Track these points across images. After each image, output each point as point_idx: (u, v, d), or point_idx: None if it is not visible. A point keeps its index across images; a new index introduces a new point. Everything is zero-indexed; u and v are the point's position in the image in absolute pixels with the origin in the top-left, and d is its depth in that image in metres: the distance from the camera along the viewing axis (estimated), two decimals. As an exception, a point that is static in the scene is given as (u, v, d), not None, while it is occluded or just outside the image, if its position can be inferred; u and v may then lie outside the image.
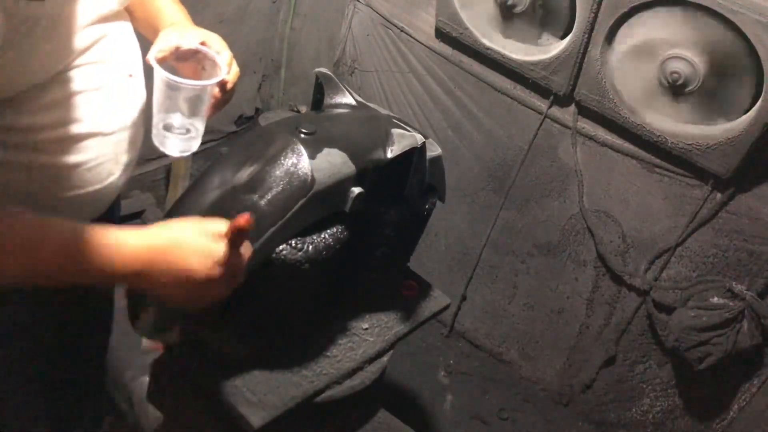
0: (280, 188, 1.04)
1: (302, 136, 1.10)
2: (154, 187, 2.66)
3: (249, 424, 1.10)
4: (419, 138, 1.18)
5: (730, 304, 1.83)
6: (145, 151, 1.18)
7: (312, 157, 1.07)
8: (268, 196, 1.03)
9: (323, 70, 1.29)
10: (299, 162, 1.06)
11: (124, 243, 0.86)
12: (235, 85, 1.12)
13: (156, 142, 1.05)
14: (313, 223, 1.10)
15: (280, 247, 1.06)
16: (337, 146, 1.11)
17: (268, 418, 1.11)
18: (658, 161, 1.90)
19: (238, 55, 1.11)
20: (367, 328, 1.34)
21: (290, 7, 2.89)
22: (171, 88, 0.99)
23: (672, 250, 1.97)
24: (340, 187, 1.10)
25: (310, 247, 1.08)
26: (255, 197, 1.03)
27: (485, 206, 2.32)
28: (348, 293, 1.33)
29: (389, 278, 1.39)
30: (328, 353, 1.27)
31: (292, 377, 1.19)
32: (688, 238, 1.93)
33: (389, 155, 1.16)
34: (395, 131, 1.20)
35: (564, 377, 2.35)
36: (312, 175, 1.05)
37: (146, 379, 1.44)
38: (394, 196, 1.23)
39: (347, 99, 1.28)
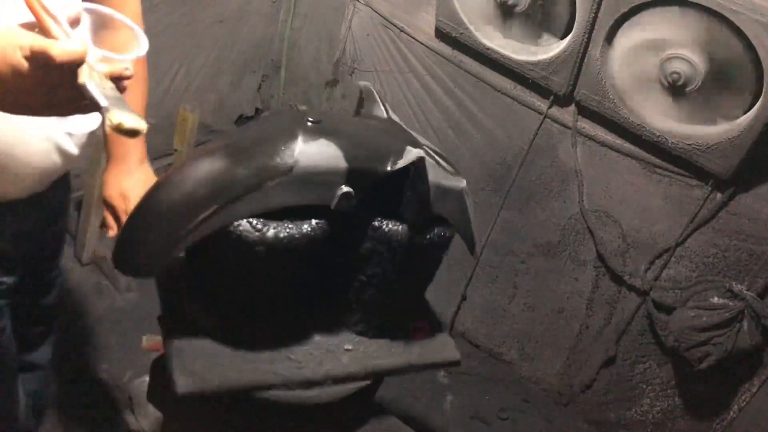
0: (260, 161, 1.05)
1: (307, 124, 1.11)
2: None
3: (174, 385, 1.10)
4: (416, 152, 1.14)
5: (730, 304, 1.83)
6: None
7: (305, 141, 1.07)
8: (248, 167, 1.05)
9: (365, 83, 1.33)
10: (290, 143, 1.06)
11: None
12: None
13: None
14: (288, 211, 1.09)
15: (239, 222, 1.06)
16: (336, 140, 1.11)
17: (194, 390, 1.11)
18: (658, 161, 1.90)
19: (238, 55, 1.11)
20: (348, 349, 1.28)
21: (290, 7, 2.89)
22: None
23: (672, 251, 1.97)
24: (324, 178, 1.09)
25: (270, 230, 1.07)
26: (237, 165, 1.05)
27: (485, 206, 2.32)
28: (344, 308, 1.29)
29: (396, 311, 1.33)
30: (293, 356, 1.22)
31: (243, 364, 1.17)
32: (688, 238, 1.93)
33: (388, 168, 1.13)
34: (411, 149, 1.15)
35: (564, 377, 2.35)
36: (296, 158, 1.05)
37: (146, 379, 1.44)
38: (391, 214, 1.18)
39: (379, 112, 1.30)
